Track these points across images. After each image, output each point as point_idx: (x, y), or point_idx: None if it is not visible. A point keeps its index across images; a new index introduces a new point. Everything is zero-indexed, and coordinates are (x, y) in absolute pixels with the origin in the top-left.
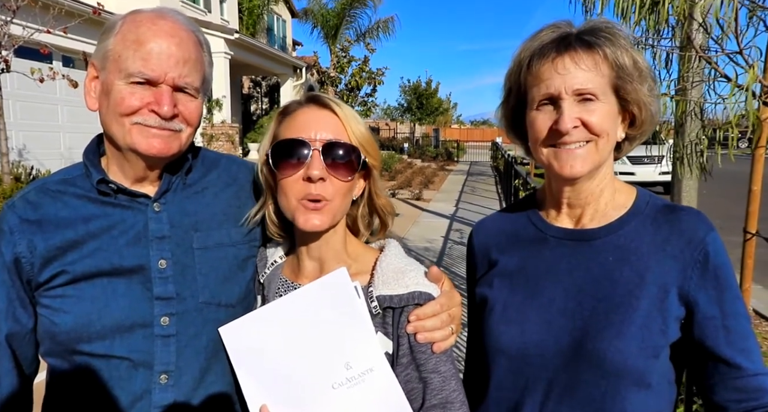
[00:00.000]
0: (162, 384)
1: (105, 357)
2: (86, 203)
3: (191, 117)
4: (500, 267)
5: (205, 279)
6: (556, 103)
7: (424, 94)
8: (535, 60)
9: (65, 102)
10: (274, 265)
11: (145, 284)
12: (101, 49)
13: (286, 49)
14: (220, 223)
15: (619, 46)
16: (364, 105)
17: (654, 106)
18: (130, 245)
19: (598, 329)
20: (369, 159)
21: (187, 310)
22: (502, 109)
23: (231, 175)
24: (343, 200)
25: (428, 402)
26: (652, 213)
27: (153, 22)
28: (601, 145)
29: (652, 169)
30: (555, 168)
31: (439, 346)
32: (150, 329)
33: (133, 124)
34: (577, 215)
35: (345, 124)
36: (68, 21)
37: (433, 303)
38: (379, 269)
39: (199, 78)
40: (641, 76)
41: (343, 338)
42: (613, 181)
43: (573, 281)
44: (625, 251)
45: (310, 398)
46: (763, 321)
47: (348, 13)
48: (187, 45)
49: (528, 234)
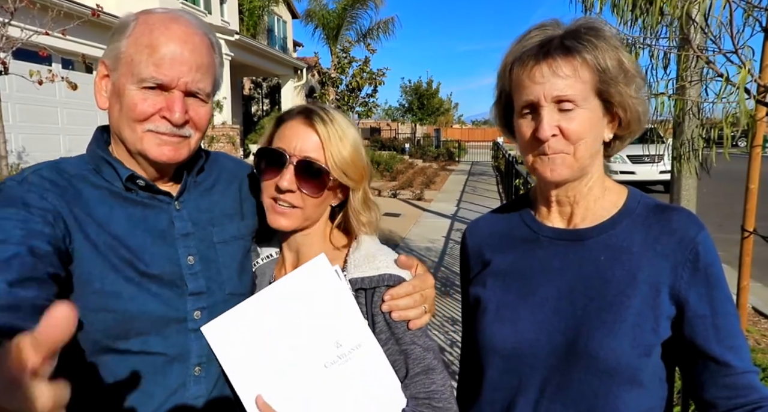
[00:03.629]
0: (196, 376)
1: (140, 354)
2: (106, 198)
3: (201, 122)
4: (493, 267)
5: (228, 271)
6: (537, 110)
7: (425, 95)
8: (516, 67)
9: (64, 104)
10: (268, 258)
11: (176, 282)
12: (113, 49)
13: (287, 50)
14: (230, 217)
15: (601, 48)
16: (365, 105)
17: (641, 106)
18: (157, 244)
19: (591, 327)
20: (345, 180)
21: (216, 302)
22: (496, 109)
23: (230, 171)
24: (312, 209)
25: (412, 371)
26: (643, 212)
27: (166, 26)
28: (580, 152)
29: (653, 168)
30: (539, 171)
31: (415, 323)
32: (184, 323)
33: (146, 131)
34: (568, 214)
35: (325, 145)
36: (67, 23)
37: (406, 284)
38: (352, 255)
39: (210, 83)
40: (627, 77)
41: (330, 318)
42: (602, 180)
43: (565, 280)
44: (616, 250)
45: (304, 380)
46: (762, 318)
47: (349, 14)
48: (200, 50)
49: (521, 234)
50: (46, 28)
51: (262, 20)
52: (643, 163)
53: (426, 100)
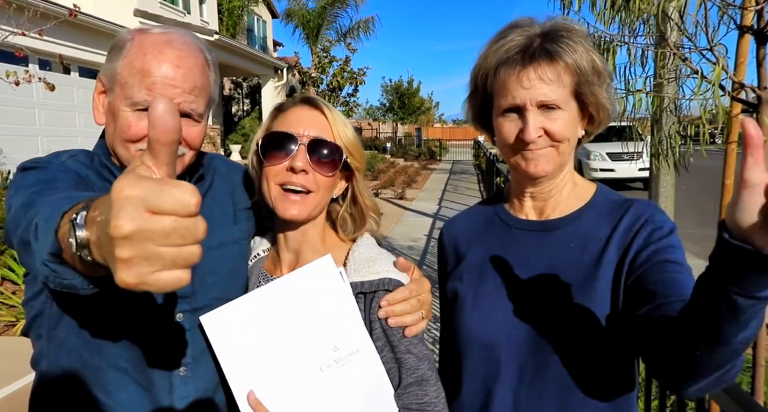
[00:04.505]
0: (182, 376)
1: (132, 351)
2: None
3: (194, 142)
4: (469, 261)
5: (213, 277)
6: (521, 112)
7: (406, 94)
8: (502, 70)
9: (42, 105)
10: (256, 257)
11: None
12: (109, 69)
13: (267, 49)
14: (220, 223)
15: (579, 51)
16: (346, 105)
17: (611, 105)
18: None
19: (563, 311)
20: (351, 160)
21: (199, 306)
22: (469, 104)
23: (224, 175)
24: (323, 194)
25: (405, 380)
26: (609, 205)
27: (159, 50)
28: (562, 149)
29: (632, 166)
30: (522, 167)
31: (411, 330)
32: (170, 325)
33: (138, 151)
34: (541, 207)
35: (332, 126)
36: (43, 23)
37: (402, 289)
38: (351, 258)
39: (204, 103)
40: (600, 79)
41: (329, 321)
42: (573, 175)
43: (538, 269)
44: (585, 237)
45: (298, 382)
46: None
47: (329, 13)
48: (193, 73)
49: (495, 228)
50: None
51: (241, 20)
52: (622, 161)
53: (407, 100)
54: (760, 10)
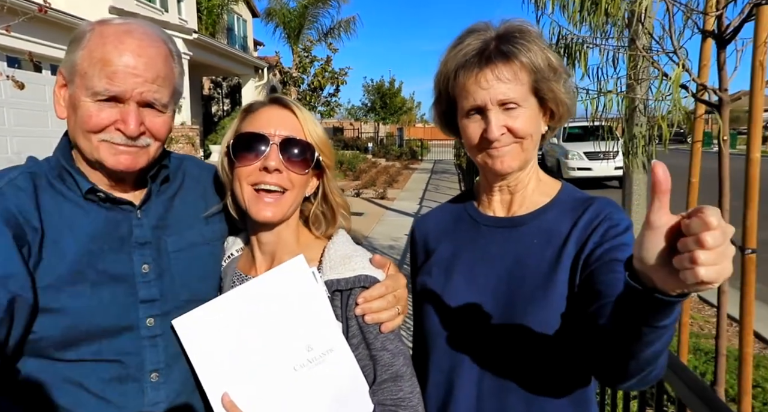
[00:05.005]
0: (153, 382)
1: (95, 361)
2: (72, 207)
3: (158, 132)
4: (438, 256)
5: (183, 279)
6: (483, 112)
7: (388, 94)
8: (461, 73)
9: (11, 104)
10: (230, 258)
11: (129, 289)
12: (69, 60)
13: (248, 49)
14: (191, 224)
15: (533, 50)
16: (327, 105)
17: (570, 100)
18: (114, 252)
19: (525, 305)
20: (323, 158)
21: (170, 310)
22: (435, 109)
23: (194, 177)
24: (298, 193)
25: (379, 377)
26: (572, 202)
27: (119, 39)
28: (526, 145)
29: (608, 165)
30: (489, 165)
31: (387, 326)
32: (137, 331)
33: (100, 141)
34: (508, 202)
35: (303, 124)
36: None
37: (378, 285)
38: (327, 255)
39: (168, 93)
40: (557, 75)
41: (303, 321)
42: (537, 172)
43: (504, 264)
44: (547, 233)
45: (272, 382)
46: (706, 306)
47: (310, 12)
48: (155, 63)
49: (463, 224)
50: None
51: (221, 19)
52: (599, 160)
53: (388, 100)
54: (719, 15)
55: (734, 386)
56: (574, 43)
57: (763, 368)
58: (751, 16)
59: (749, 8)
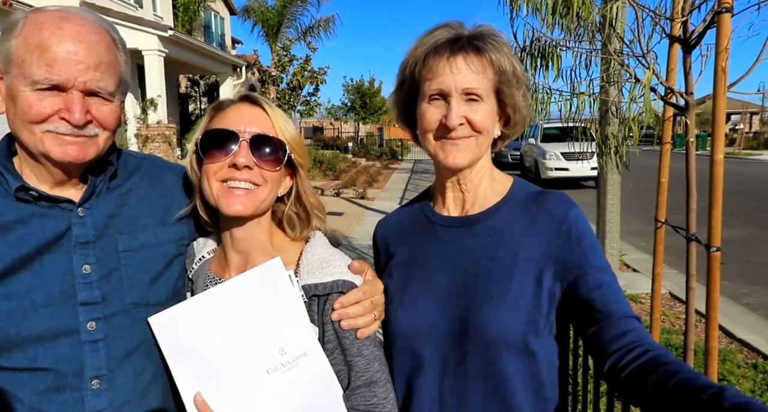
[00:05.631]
0: (95, 389)
1: (29, 370)
2: (1, 211)
3: (106, 121)
4: (397, 258)
5: (132, 281)
6: (446, 99)
7: (368, 94)
8: (431, 56)
9: None
10: (201, 260)
11: (67, 292)
12: (2, 50)
13: (225, 47)
14: (145, 225)
15: (503, 53)
16: (307, 104)
17: (526, 111)
18: (51, 253)
19: (480, 304)
20: (295, 156)
21: (114, 312)
22: (395, 98)
23: (154, 177)
24: (270, 190)
25: (353, 383)
26: (524, 198)
27: (57, 25)
28: (480, 141)
29: (585, 165)
30: (440, 158)
31: (362, 332)
32: (76, 336)
33: (44, 132)
34: (461, 201)
35: (274, 122)
36: None
37: (356, 291)
38: (305, 259)
39: (114, 81)
40: (518, 83)
41: (277, 324)
42: (491, 172)
43: (458, 263)
44: (501, 232)
45: (245, 384)
46: (677, 303)
47: (289, 11)
48: (98, 48)
49: (420, 225)
50: None
51: (198, 16)
52: (576, 160)
53: (368, 99)
54: (685, 21)
55: None
56: (547, 45)
57: (729, 362)
58: (713, 23)
59: (711, 16)
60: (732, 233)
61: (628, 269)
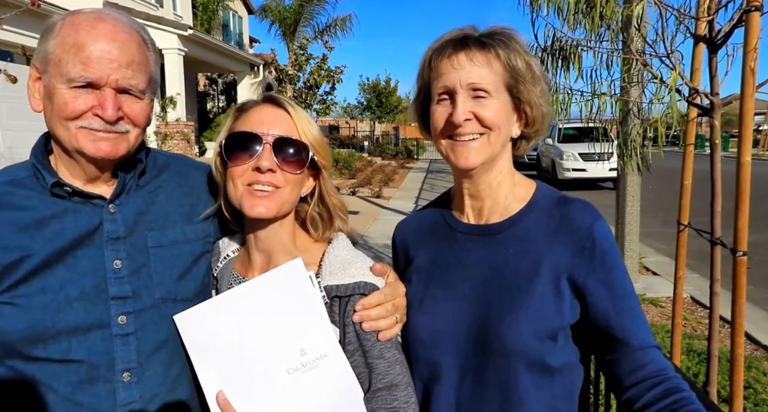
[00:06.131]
0: (125, 382)
1: (63, 362)
2: (38, 206)
3: (137, 118)
4: (416, 263)
5: (161, 276)
6: (452, 96)
7: (384, 93)
8: (435, 57)
9: (4, 98)
10: (226, 259)
11: (99, 286)
12: (41, 51)
13: (243, 46)
14: (174, 222)
15: (513, 49)
16: (323, 103)
17: (545, 108)
18: (84, 248)
19: (500, 315)
20: (318, 158)
21: (144, 307)
22: (414, 105)
23: (182, 175)
24: (291, 192)
25: (374, 386)
26: (548, 205)
27: (92, 25)
28: (492, 139)
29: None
30: (452, 159)
31: (384, 334)
32: (108, 329)
33: (79, 128)
34: (479, 208)
35: (297, 124)
36: (4, 12)
37: (377, 293)
38: (327, 260)
39: (144, 79)
40: (534, 78)
41: (298, 325)
42: (512, 175)
43: (479, 272)
44: (523, 241)
45: (266, 384)
46: (699, 307)
47: (306, 10)
48: (129, 47)
49: (440, 230)
50: None
51: (216, 15)
52: (593, 161)
53: (384, 98)
54: (711, 20)
55: (726, 386)
56: (568, 45)
57: (754, 369)
58: (741, 22)
59: (739, 15)
60: (755, 237)
61: (648, 272)
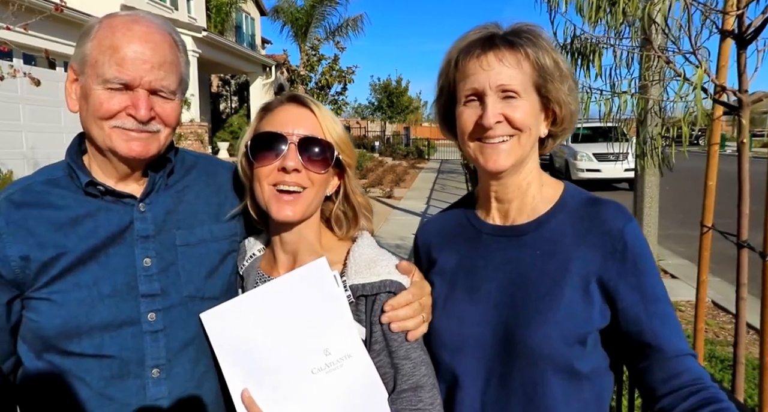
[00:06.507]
0: (155, 378)
1: (96, 357)
2: (72, 205)
3: (168, 118)
4: (440, 265)
5: (189, 274)
6: (481, 98)
7: (395, 93)
8: (462, 57)
9: (27, 101)
10: (252, 257)
11: (130, 283)
12: (79, 53)
13: (255, 47)
14: (201, 221)
15: (540, 47)
16: (335, 103)
17: (574, 106)
18: (115, 245)
19: (527, 318)
20: (343, 156)
21: (172, 305)
22: (436, 106)
23: (209, 174)
24: (317, 192)
25: (399, 386)
26: (576, 206)
27: (127, 27)
28: (523, 140)
29: (618, 166)
30: (481, 162)
31: (413, 334)
32: (138, 326)
33: (112, 128)
34: (505, 210)
35: (321, 123)
36: (29, 18)
37: (405, 293)
38: (352, 258)
39: (175, 80)
40: (562, 76)
41: (322, 325)
42: (540, 176)
43: (505, 274)
44: (551, 243)
45: (290, 383)
46: (720, 312)
47: (318, 11)
48: (162, 48)
49: (465, 232)
50: (7, 23)
51: (229, 17)
52: (608, 162)
53: (395, 99)
54: (740, 14)
55: (753, 395)
56: (588, 43)
57: None
58: None
59: None
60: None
61: (667, 275)
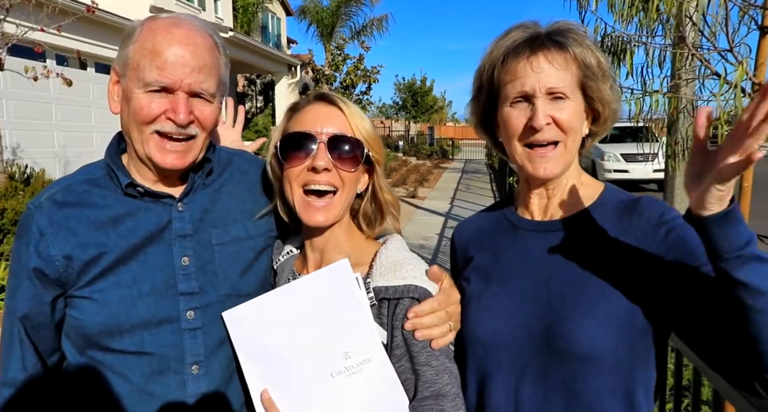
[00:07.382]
0: (194, 375)
1: (137, 354)
2: (112, 205)
3: (206, 122)
4: (476, 262)
5: (225, 273)
6: (530, 100)
7: (419, 92)
8: (510, 58)
9: (59, 100)
10: (289, 254)
11: (168, 282)
12: (122, 56)
13: (281, 47)
14: (235, 219)
15: (585, 46)
16: (359, 103)
17: (615, 104)
18: (154, 245)
19: (566, 312)
20: (372, 153)
21: (210, 303)
22: (473, 106)
23: (243, 172)
24: (348, 192)
25: (420, 394)
26: (616, 204)
27: (168, 30)
28: (569, 145)
29: (646, 167)
30: (529, 170)
31: (437, 343)
32: (177, 323)
33: (151, 133)
34: (545, 206)
35: (350, 121)
36: (62, 19)
37: (431, 301)
38: (378, 260)
39: (214, 83)
40: (605, 76)
41: (342, 328)
42: (579, 176)
43: (542, 269)
44: (591, 238)
45: (309, 385)
46: None
47: (343, 11)
48: (202, 52)
49: (502, 229)
50: (41, 24)
51: (256, 17)
52: (636, 162)
53: (420, 98)
54: None
55: None
56: (620, 41)
57: None
58: None
59: None
60: None
61: None
